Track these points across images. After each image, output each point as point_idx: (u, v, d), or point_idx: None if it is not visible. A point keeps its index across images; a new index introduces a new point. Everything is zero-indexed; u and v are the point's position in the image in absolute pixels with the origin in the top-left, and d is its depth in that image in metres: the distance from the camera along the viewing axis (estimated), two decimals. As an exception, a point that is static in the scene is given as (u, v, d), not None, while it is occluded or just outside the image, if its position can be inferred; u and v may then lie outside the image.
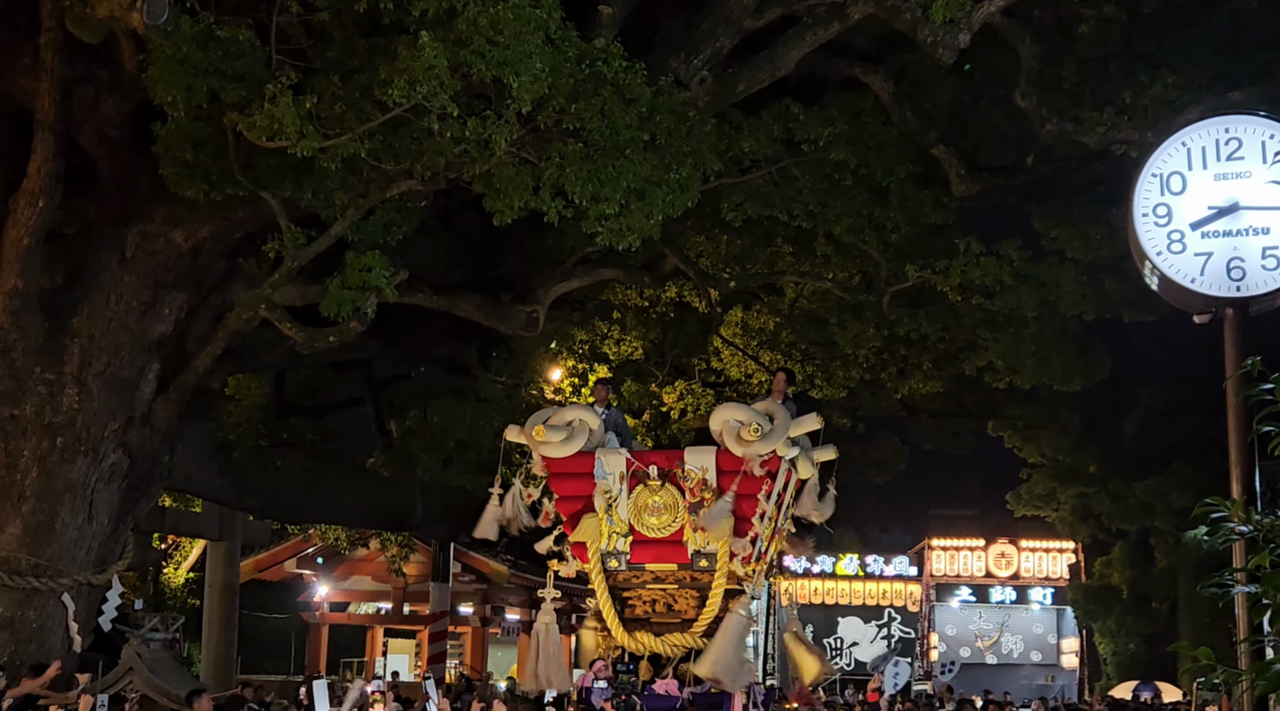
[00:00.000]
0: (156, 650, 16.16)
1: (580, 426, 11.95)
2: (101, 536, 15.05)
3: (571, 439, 11.84)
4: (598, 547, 11.73)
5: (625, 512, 11.69)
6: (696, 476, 11.58)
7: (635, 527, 11.71)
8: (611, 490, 11.74)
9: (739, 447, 11.35)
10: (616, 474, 11.75)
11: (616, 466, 11.76)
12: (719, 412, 11.87)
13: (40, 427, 14.42)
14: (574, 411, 12.27)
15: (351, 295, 13.18)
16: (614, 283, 21.23)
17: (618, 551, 11.80)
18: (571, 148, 11.87)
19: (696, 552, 11.65)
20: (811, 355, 23.27)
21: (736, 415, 11.56)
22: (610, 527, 11.73)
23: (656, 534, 11.71)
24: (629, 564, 11.83)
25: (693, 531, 11.57)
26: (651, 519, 11.69)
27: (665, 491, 11.69)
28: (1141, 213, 7.27)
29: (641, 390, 24.01)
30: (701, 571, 11.67)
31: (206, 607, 25.83)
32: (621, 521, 11.70)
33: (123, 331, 14.81)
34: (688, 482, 11.63)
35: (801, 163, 16.64)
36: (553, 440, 11.80)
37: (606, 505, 11.75)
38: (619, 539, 11.77)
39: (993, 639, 39.95)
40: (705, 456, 11.64)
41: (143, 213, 14.72)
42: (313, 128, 11.26)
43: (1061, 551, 39.48)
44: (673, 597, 11.80)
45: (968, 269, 17.97)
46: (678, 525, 11.66)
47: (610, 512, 11.73)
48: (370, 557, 30.69)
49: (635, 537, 11.75)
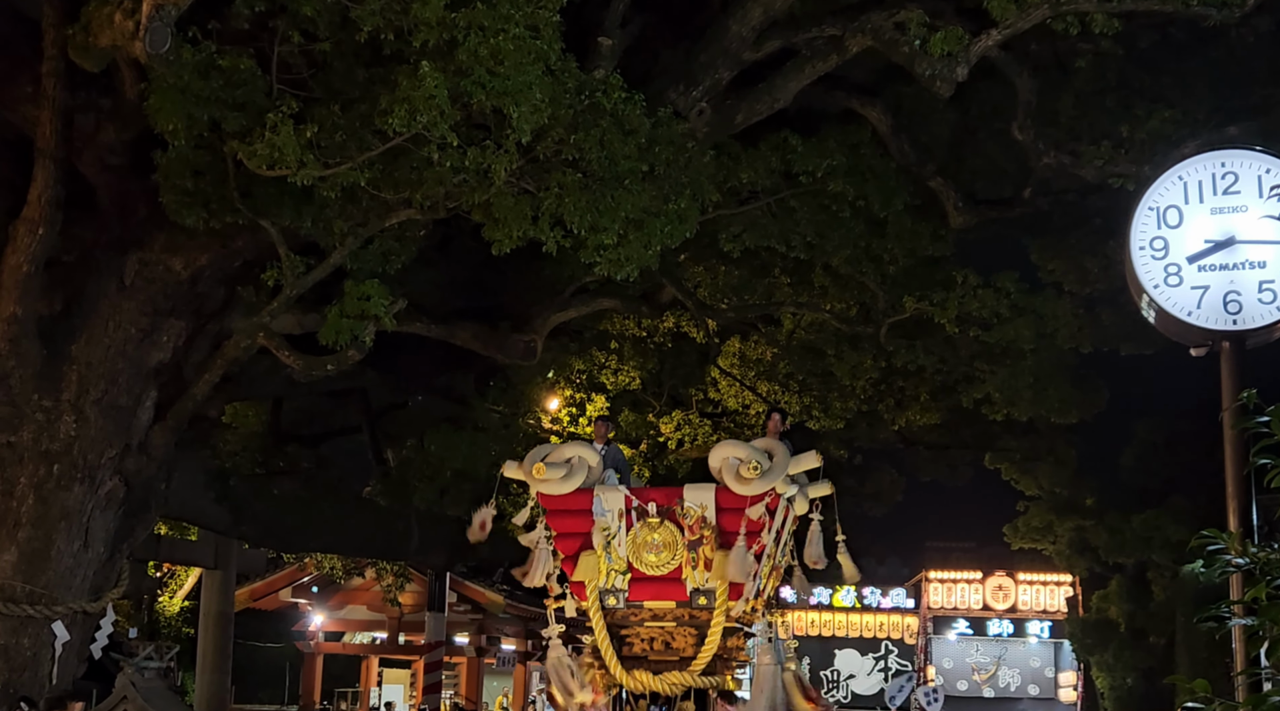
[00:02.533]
0: (150, 679, 16.10)
1: (579, 463, 11.89)
2: (97, 564, 15.00)
3: (570, 476, 11.77)
4: (596, 585, 11.67)
5: (624, 550, 11.63)
6: (695, 513, 11.53)
7: (634, 565, 11.63)
8: (610, 527, 11.67)
9: (738, 485, 11.30)
10: (615, 511, 11.68)
11: (615, 503, 11.68)
12: (718, 450, 11.83)
13: (37, 454, 14.39)
14: (573, 448, 12.20)
15: (350, 323, 13.19)
16: (612, 312, 21.24)
17: (616, 589, 11.72)
18: (570, 178, 11.91)
19: (695, 590, 11.57)
20: (809, 386, 23.26)
21: (736, 452, 11.51)
22: (609, 565, 11.67)
23: (655, 571, 11.64)
24: (627, 602, 11.75)
25: (692, 569, 11.50)
26: (650, 556, 11.62)
27: (664, 529, 11.63)
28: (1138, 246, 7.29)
29: (639, 420, 24.00)
30: (700, 609, 11.59)
31: (201, 636, 25.73)
32: (620, 559, 11.63)
33: (121, 359, 14.81)
34: (687, 520, 11.57)
35: (799, 194, 16.69)
36: (551, 477, 11.72)
37: (605, 542, 11.68)
38: (617, 576, 11.70)
39: (990, 672, 39.81)
40: (704, 494, 11.57)
41: (142, 240, 14.75)
42: (313, 156, 11.29)
43: (1059, 584, 39.38)
44: (671, 635, 11.72)
45: (965, 301, 18.01)
46: (676, 563, 11.59)
47: (609, 550, 11.67)
48: (366, 587, 30.60)
49: (634, 575, 11.67)
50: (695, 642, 11.59)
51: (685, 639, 11.62)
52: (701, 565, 11.44)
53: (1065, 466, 30.73)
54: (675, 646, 11.65)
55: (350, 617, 32.08)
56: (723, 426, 23.80)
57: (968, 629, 39.97)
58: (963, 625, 39.99)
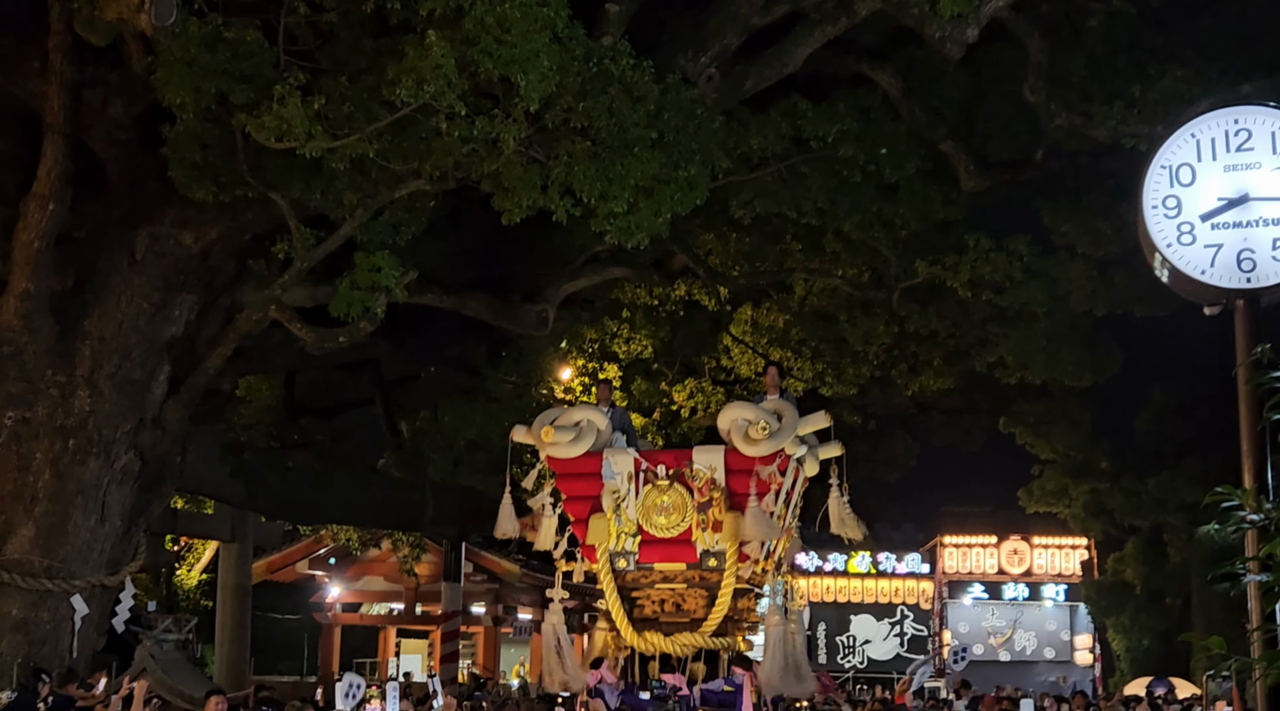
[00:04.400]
0: (170, 651, 16.24)
1: (588, 427, 11.93)
2: (114, 538, 15.10)
3: (579, 439, 11.82)
4: (606, 548, 11.72)
5: (634, 513, 11.68)
6: (705, 476, 11.57)
7: (644, 528, 11.69)
8: (620, 490, 11.73)
9: (747, 446, 11.33)
10: (625, 474, 11.74)
11: (624, 466, 11.74)
12: (727, 411, 11.85)
13: (52, 430, 14.48)
14: (581, 412, 12.25)
15: (361, 295, 13.20)
16: (623, 281, 21.22)
17: (626, 551, 11.78)
18: (579, 146, 11.88)
19: (705, 552, 11.62)
20: (821, 352, 23.22)
21: (744, 414, 11.53)
22: (619, 528, 11.72)
23: (665, 534, 11.69)
24: (638, 564, 11.80)
25: (701, 531, 11.55)
26: (660, 519, 11.67)
27: (674, 491, 11.68)
28: (1151, 205, 7.23)
29: (651, 388, 24.00)
30: (710, 571, 11.64)
31: (219, 609, 25.90)
32: (630, 521, 11.68)
33: (133, 333, 14.86)
34: (696, 482, 11.61)
35: (810, 159, 16.62)
36: (560, 441, 11.76)
37: (615, 505, 11.73)
38: (627, 539, 11.75)
39: (1006, 636, 39.86)
40: (714, 455, 11.61)
41: (152, 215, 14.77)
42: (321, 128, 11.28)
43: (1074, 547, 39.38)
44: (682, 597, 11.77)
45: (977, 265, 17.94)
46: (686, 525, 11.63)
47: (619, 513, 11.71)
48: (382, 558, 30.73)
49: (644, 538, 11.72)
50: (706, 604, 11.64)
51: (696, 600, 11.67)
52: (711, 527, 11.49)
53: (1080, 429, 30.69)
54: (686, 608, 11.70)
55: (367, 589, 32.24)
56: (735, 394, 23.77)
57: (983, 593, 40.01)
58: (978, 589, 40.02)
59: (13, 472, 14.41)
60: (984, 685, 28.01)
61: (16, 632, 14.16)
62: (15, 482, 14.37)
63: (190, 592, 30.66)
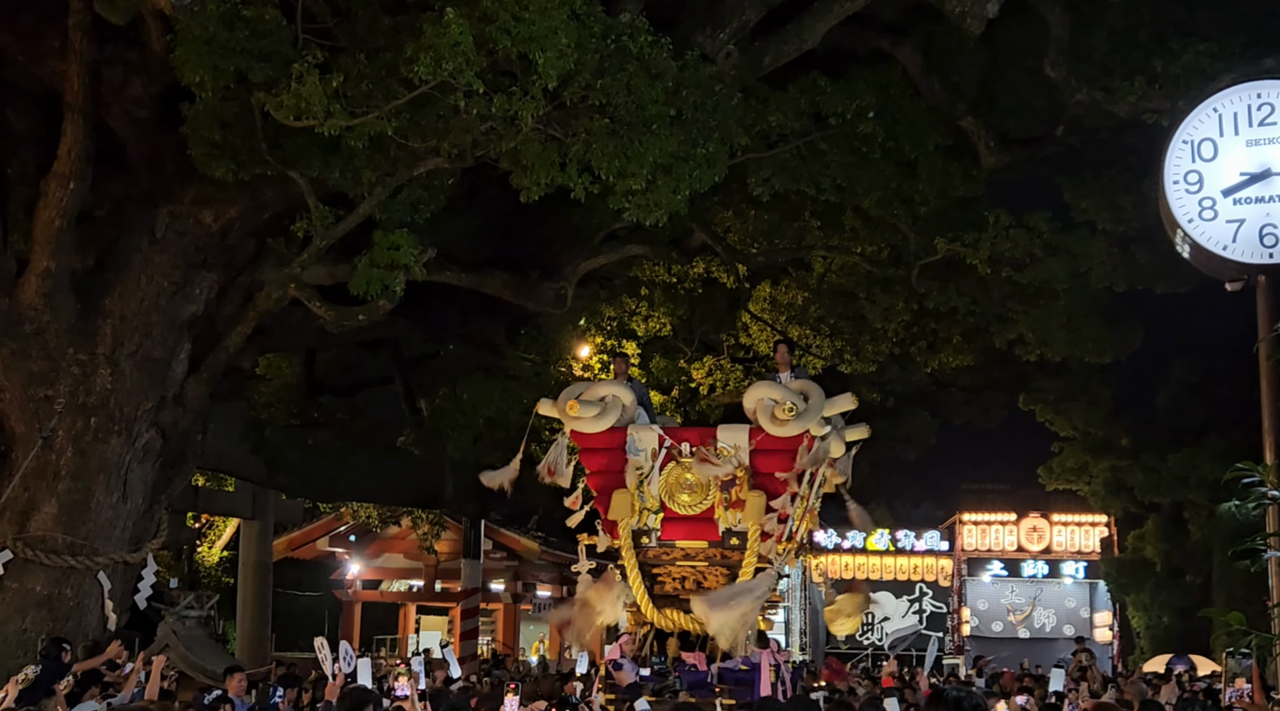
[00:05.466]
0: (191, 627, 16.36)
1: (614, 402, 11.96)
2: (136, 515, 15.19)
3: (604, 414, 11.86)
4: (629, 524, 11.75)
5: (657, 489, 11.70)
6: (729, 454, 11.58)
7: (666, 504, 11.72)
8: (643, 466, 11.75)
9: (773, 426, 11.33)
10: (649, 450, 11.77)
11: (649, 442, 11.78)
12: (753, 391, 11.87)
13: (74, 408, 14.55)
14: (607, 387, 12.29)
15: (380, 273, 13.21)
16: (641, 259, 21.20)
17: (649, 528, 11.82)
18: (597, 123, 11.85)
19: (727, 531, 11.65)
20: (840, 330, 23.19)
21: (771, 394, 11.54)
22: (641, 504, 11.75)
23: (688, 511, 11.73)
24: (659, 541, 11.85)
25: (724, 509, 11.57)
26: (683, 496, 11.70)
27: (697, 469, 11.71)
28: (1172, 180, 7.23)
29: (670, 366, 24.01)
30: (732, 549, 11.67)
31: (240, 586, 26.04)
32: (653, 498, 11.72)
33: (154, 312, 14.92)
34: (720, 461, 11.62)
35: (829, 136, 16.55)
36: (585, 415, 11.82)
37: (638, 481, 11.76)
38: (650, 515, 11.79)
39: (1025, 613, 39.84)
40: (738, 434, 11.63)
41: (172, 193, 14.81)
42: (339, 106, 11.29)
43: (1094, 525, 39.30)
44: (703, 575, 11.81)
45: (997, 241, 17.86)
46: (709, 503, 11.66)
47: (642, 489, 11.75)
48: (402, 535, 30.83)
49: (666, 514, 11.77)
50: (727, 582, 11.66)
51: (717, 578, 11.70)
52: (734, 505, 11.51)
53: (1100, 406, 30.63)
54: (707, 585, 11.73)
55: (387, 566, 32.36)
56: (754, 371, 23.76)
57: (1002, 570, 39.99)
58: (997, 567, 40.00)
59: (35, 450, 14.49)
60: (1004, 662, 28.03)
61: (41, 609, 14.26)
62: (38, 460, 14.46)
63: (211, 569, 30.85)
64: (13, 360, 14.48)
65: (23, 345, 14.45)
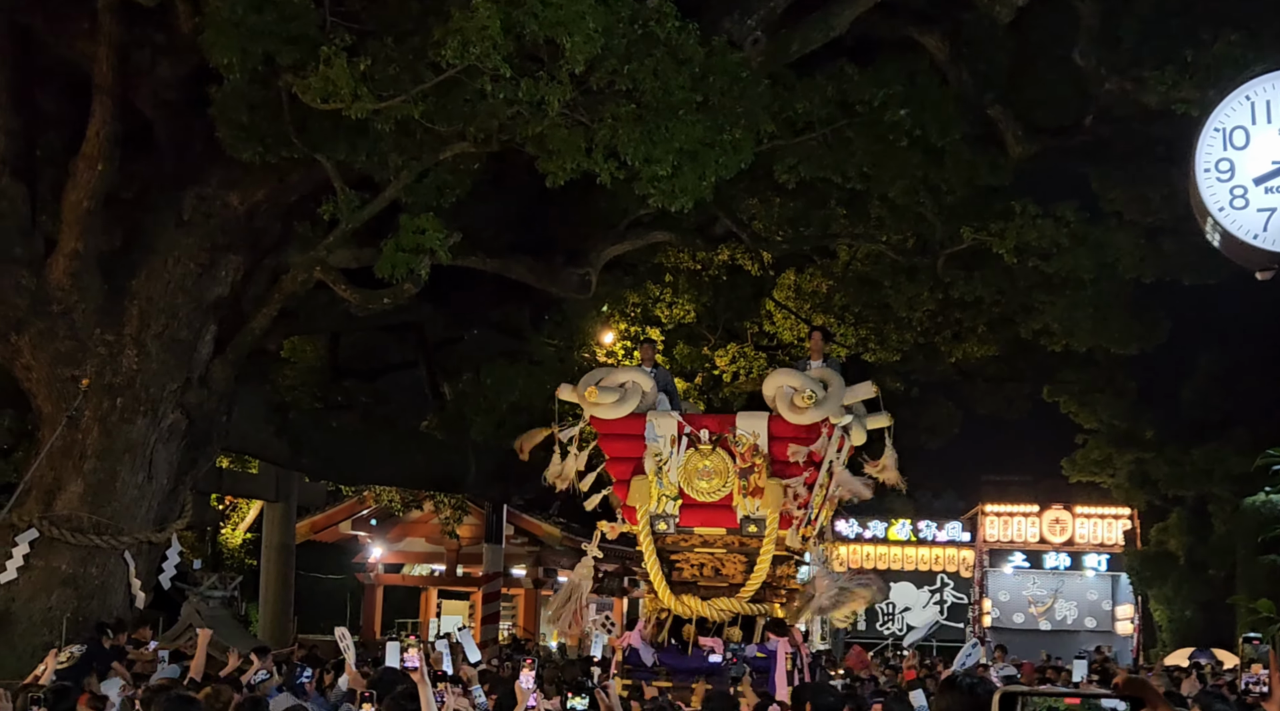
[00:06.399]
0: (215, 608, 16.46)
1: (633, 388, 11.99)
2: (161, 495, 15.29)
3: (624, 401, 11.89)
4: (647, 510, 11.77)
5: (675, 476, 11.71)
6: (748, 442, 11.58)
7: (685, 491, 11.73)
8: (662, 453, 11.77)
9: (792, 414, 11.32)
10: (668, 437, 11.79)
11: (668, 429, 11.79)
12: (772, 379, 11.86)
13: (101, 388, 14.65)
14: (627, 373, 12.32)
15: (405, 257, 13.25)
16: (666, 245, 21.21)
17: (667, 514, 11.84)
18: (624, 109, 11.85)
19: (746, 518, 11.65)
20: (865, 318, 23.16)
21: (790, 381, 11.53)
22: (660, 490, 11.77)
23: (706, 498, 11.74)
24: (678, 527, 11.86)
25: (742, 497, 11.56)
26: (701, 483, 11.71)
27: (716, 456, 11.70)
28: (1203, 168, 7.15)
29: (693, 353, 24.02)
30: (750, 537, 11.68)
31: (263, 567, 26.19)
32: (671, 484, 11.73)
33: (180, 294, 15.00)
34: (739, 448, 11.62)
35: (856, 124, 16.48)
36: (605, 401, 11.85)
37: (657, 468, 11.77)
38: (668, 502, 11.80)
39: (1046, 605, 39.72)
40: (757, 422, 11.64)
41: (199, 176, 14.88)
42: (366, 90, 11.32)
43: (1117, 517, 39.12)
44: (720, 562, 11.83)
45: (1024, 231, 17.78)
46: (727, 490, 11.66)
47: (661, 475, 11.76)
48: (424, 519, 30.92)
49: (685, 501, 11.78)
50: (744, 569, 11.68)
51: (735, 565, 11.72)
52: (753, 493, 11.51)
53: (1125, 398, 30.48)
54: (724, 573, 11.75)
55: (409, 550, 32.47)
56: (778, 359, 23.76)
57: (1024, 562, 39.85)
58: (1019, 558, 39.87)
59: (62, 429, 14.60)
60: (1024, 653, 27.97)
61: (66, 587, 14.39)
62: (64, 439, 14.57)
63: (235, 551, 31.00)
64: (40, 340, 14.60)
65: (50, 325, 14.55)
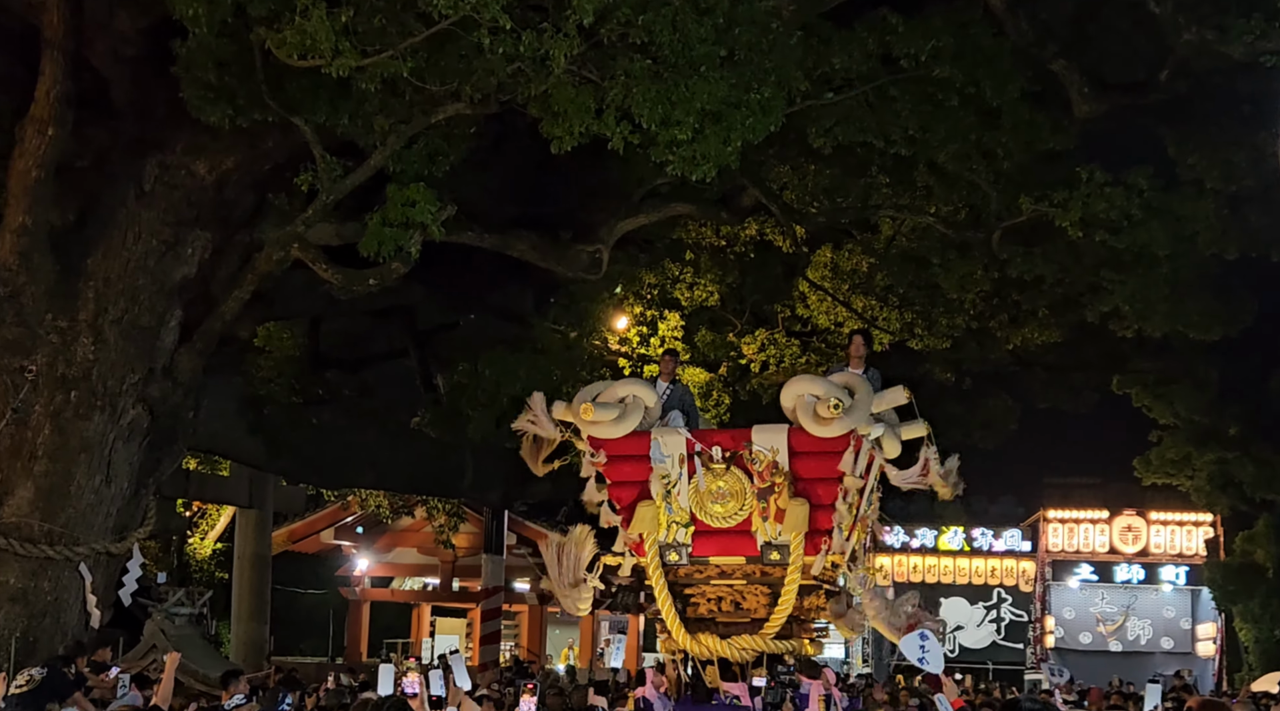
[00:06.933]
0: (182, 626, 16.57)
1: (634, 403, 11.81)
2: (121, 501, 15.35)
3: (624, 418, 11.69)
4: (655, 539, 11.66)
5: (686, 500, 11.60)
6: (766, 459, 11.44)
7: (697, 516, 11.60)
8: (670, 474, 11.62)
9: (815, 426, 11.20)
10: (675, 456, 11.60)
11: (675, 448, 11.59)
12: (791, 386, 11.73)
13: (53, 380, 14.70)
14: (627, 386, 12.15)
15: (393, 233, 13.27)
16: (686, 219, 21.21)
17: (678, 543, 11.71)
18: (639, 65, 11.84)
19: (767, 544, 11.48)
20: (910, 300, 23.13)
21: (812, 389, 11.39)
22: (669, 517, 11.64)
23: (721, 523, 11.58)
24: (691, 557, 11.74)
25: (763, 521, 11.42)
26: (715, 507, 11.57)
27: (730, 476, 11.57)
28: (1293, 131, 7.14)
29: (718, 340, 24.00)
30: (773, 565, 11.54)
31: (236, 581, 26.33)
32: (682, 509, 11.59)
33: (141, 274, 15.04)
34: (756, 466, 11.49)
35: (900, 81, 16.47)
36: (603, 419, 11.66)
37: (664, 491, 11.64)
38: (679, 529, 11.67)
39: (1117, 623, 39.76)
40: (776, 436, 11.45)
41: (162, 142, 14.91)
42: (349, 44, 11.33)
43: (1197, 524, 39.12)
44: (740, 595, 11.73)
45: (1090, 201, 17.73)
46: (745, 513, 11.50)
47: (669, 500, 11.63)
48: (416, 527, 31.08)
49: (698, 528, 11.63)
50: (768, 603, 11.56)
51: (756, 598, 11.61)
52: (773, 516, 11.38)
53: (1205, 390, 30.39)
54: (745, 607, 11.66)
55: (399, 561, 32.65)
56: (812, 347, 23.76)
57: (1092, 575, 39.88)
58: (1086, 570, 39.89)
59: (10, 427, 14.65)
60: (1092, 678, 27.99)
61: (15, 603, 14.42)
62: (13, 438, 14.62)
63: (204, 563, 31.15)
64: (-16, 327, 14.66)
65: (-4, 310, 14.62)
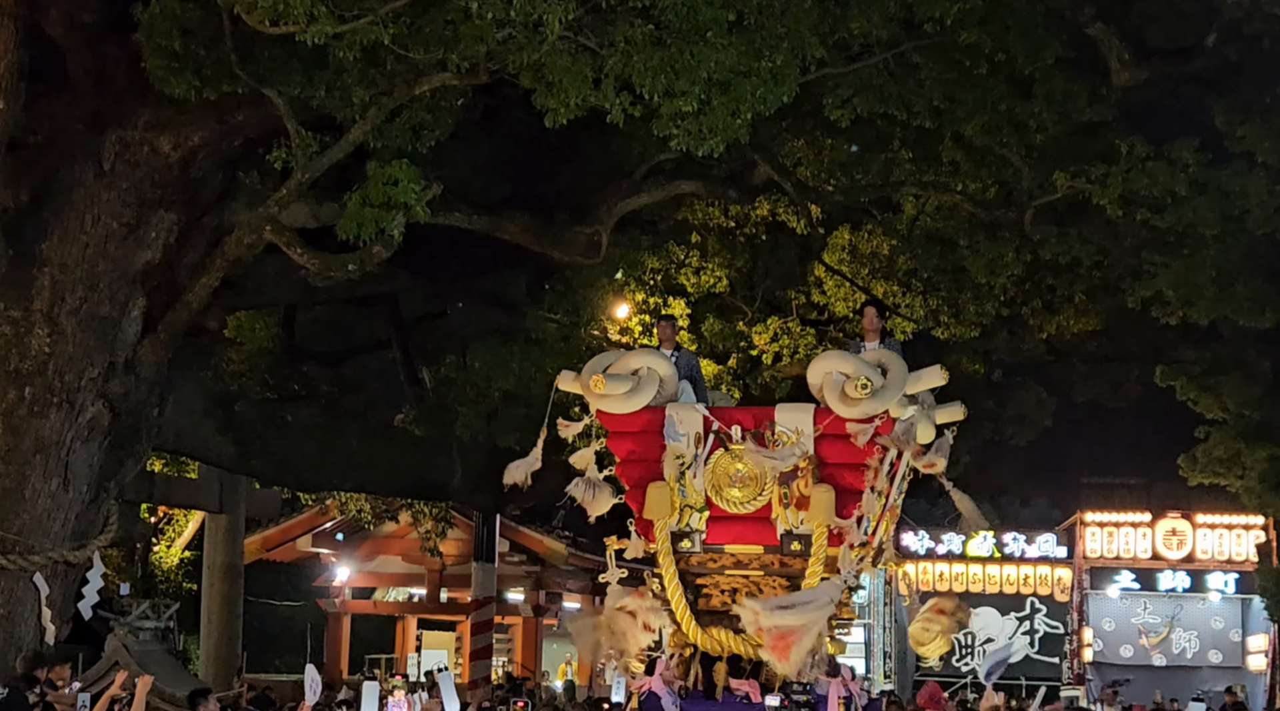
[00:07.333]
0: (146, 641, 16.58)
1: (649, 375, 11.88)
2: (80, 506, 15.37)
3: (637, 391, 11.77)
4: (666, 524, 11.72)
5: (701, 483, 11.65)
6: (790, 440, 11.51)
7: (713, 501, 11.67)
8: (685, 454, 11.69)
9: (844, 406, 11.25)
10: (692, 435, 11.68)
11: (692, 425, 11.68)
12: (819, 364, 11.79)
13: (5, 375, 14.72)
14: (641, 357, 12.22)
15: (374, 214, 13.29)
16: (692, 198, 21.21)
17: (691, 529, 11.78)
18: (640, 30, 11.86)
19: (787, 533, 11.55)
20: (936, 286, 23.15)
21: (841, 367, 11.45)
22: (682, 500, 11.70)
23: (739, 509, 11.65)
24: (704, 545, 11.81)
25: (783, 507, 11.47)
26: (733, 491, 11.64)
27: (751, 458, 11.65)
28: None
29: (727, 329, 24.01)
30: (793, 555, 11.60)
31: (205, 593, 26.33)
32: (696, 493, 11.66)
33: (101, 259, 15.05)
34: (779, 447, 11.56)
35: (924, 47, 16.48)
36: (614, 392, 11.73)
37: (678, 473, 11.69)
38: (693, 514, 11.74)
39: (1161, 635, 39.74)
40: (801, 416, 11.53)
41: (123, 116, 14.90)
42: (325, 9, 11.34)
43: (1247, 528, 39.07)
44: (757, 586, 11.78)
45: (1131, 177, 17.75)
46: (765, 499, 11.58)
47: (683, 482, 11.69)
48: (400, 534, 31.09)
49: (713, 513, 11.71)
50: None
51: (774, 590, 11.66)
52: (795, 502, 11.44)
53: (1257, 382, 30.31)
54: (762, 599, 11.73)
55: (382, 571, 32.65)
56: (829, 336, 23.75)
57: (1134, 583, 39.84)
58: (1127, 578, 39.86)
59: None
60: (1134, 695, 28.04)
61: (-35, 617, 14.51)
62: (-38, 438, 14.67)
63: (170, 573, 31.18)
64: (-70, 317, 14.69)
65: (-57, 299, 14.65)
